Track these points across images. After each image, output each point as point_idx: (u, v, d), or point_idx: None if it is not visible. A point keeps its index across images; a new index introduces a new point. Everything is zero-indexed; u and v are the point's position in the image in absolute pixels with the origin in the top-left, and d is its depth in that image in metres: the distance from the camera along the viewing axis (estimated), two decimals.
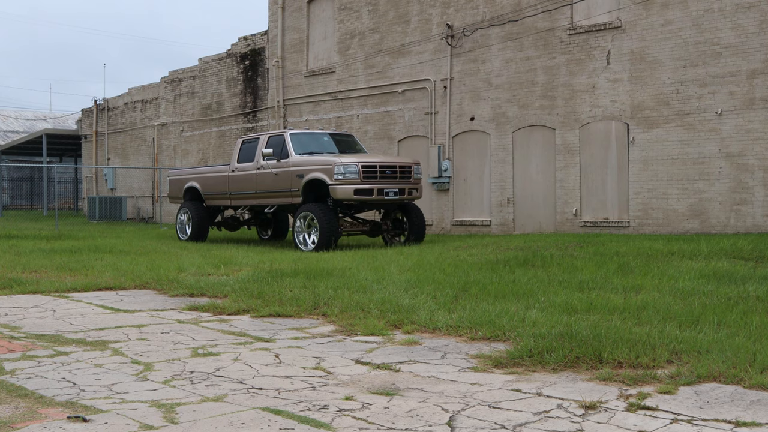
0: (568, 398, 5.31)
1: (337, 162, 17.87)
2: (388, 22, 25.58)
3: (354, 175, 17.82)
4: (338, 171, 17.70)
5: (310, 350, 7.09)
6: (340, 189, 17.74)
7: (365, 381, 5.87)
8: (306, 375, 6.08)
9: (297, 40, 29.22)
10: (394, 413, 4.97)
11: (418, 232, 19.30)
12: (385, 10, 25.71)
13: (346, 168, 17.80)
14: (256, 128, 30.95)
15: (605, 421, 4.81)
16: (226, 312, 9.28)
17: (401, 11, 25.18)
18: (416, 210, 19.46)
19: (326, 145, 19.99)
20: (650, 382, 5.71)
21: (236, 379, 5.94)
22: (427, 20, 24.38)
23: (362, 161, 18.16)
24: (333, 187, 17.81)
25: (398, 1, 25.26)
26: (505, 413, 4.95)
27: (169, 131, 36.14)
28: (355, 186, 17.75)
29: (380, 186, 18.05)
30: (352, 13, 26.89)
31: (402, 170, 18.70)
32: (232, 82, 32.34)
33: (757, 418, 4.82)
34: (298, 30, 29.15)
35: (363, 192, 17.89)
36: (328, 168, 17.99)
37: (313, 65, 28.65)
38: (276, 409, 5.05)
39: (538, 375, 6.03)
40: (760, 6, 17.28)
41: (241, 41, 32.12)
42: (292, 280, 11.36)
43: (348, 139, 21.09)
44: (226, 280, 11.78)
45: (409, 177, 18.80)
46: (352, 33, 26.91)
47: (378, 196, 18.02)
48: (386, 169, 18.39)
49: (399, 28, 25.23)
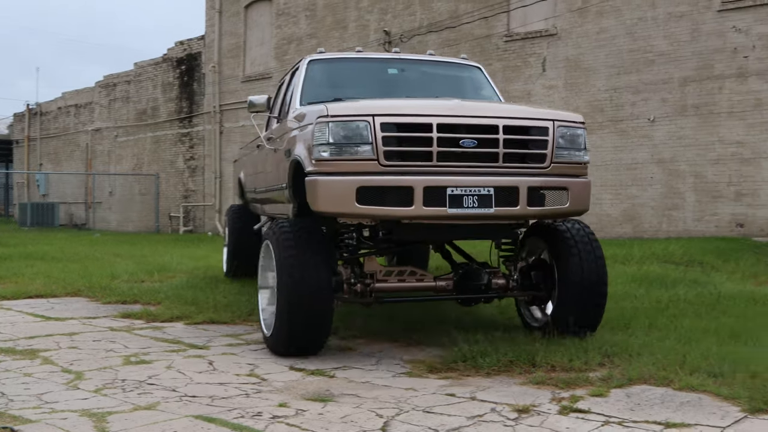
0: (501, 402, 5.33)
1: (320, 115, 6.86)
2: (326, 27, 25.56)
3: (362, 149, 6.68)
4: (319, 138, 6.80)
5: (244, 357, 7.03)
6: (323, 188, 6.72)
7: (299, 387, 5.84)
8: (240, 382, 6.03)
9: (234, 45, 29.05)
10: (328, 419, 4.95)
11: (584, 302, 7.46)
12: (323, 16, 25.68)
13: (338, 128, 6.73)
14: (191, 134, 30.70)
15: (538, 424, 4.84)
16: (159, 319, 9.16)
17: (339, 17, 25.16)
18: (580, 243, 7.58)
19: (389, 86, 9.06)
20: (583, 385, 5.77)
21: (169, 386, 5.86)
22: (364, 26, 24.40)
23: (387, 110, 6.85)
24: (310, 183, 6.86)
25: (336, 6, 25.25)
26: (439, 418, 4.96)
27: (104, 136, 35.67)
28: (363, 177, 6.66)
29: (444, 181, 6.71)
30: (290, 19, 26.81)
31: (512, 137, 6.95)
32: (168, 87, 32.02)
33: (686, 419, 4.89)
34: (235, 35, 28.99)
35: (383, 195, 6.66)
36: (309, 129, 7.06)
37: (250, 70, 28.50)
38: (209, 417, 4.99)
39: (472, 379, 6.05)
40: (691, 15, 17.60)
41: (178, 46, 31.84)
42: (227, 286, 11.28)
43: (457, 75, 9.89)
44: (159, 286, 11.64)
45: (542, 157, 7.02)
46: (289, 38, 26.83)
47: (433, 208, 6.66)
48: (461, 132, 6.82)
49: (337, 34, 25.22)
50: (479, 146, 6.78)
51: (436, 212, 6.65)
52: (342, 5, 25.14)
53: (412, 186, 6.58)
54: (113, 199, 35.24)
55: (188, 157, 31.22)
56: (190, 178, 31.20)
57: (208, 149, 30.17)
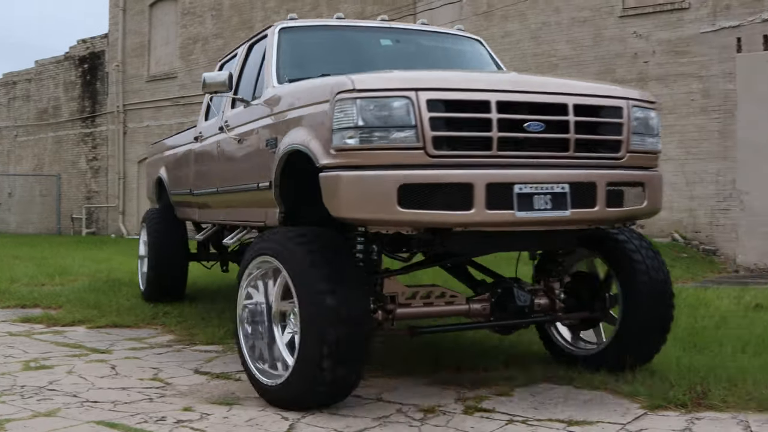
0: (407, 403, 5.36)
1: (343, 89, 4.97)
2: (232, 27, 25.36)
3: (404, 135, 4.84)
4: (341, 120, 4.94)
5: (147, 361, 6.92)
6: (351, 186, 4.94)
7: (204, 391, 5.78)
8: (143, 386, 5.93)
9: (138, 44, 28.62)
10: (233, 423, 4.91)
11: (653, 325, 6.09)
12: (229, 16, 25.48)
13: (370, 106, 4.88)
14: (95, 134, 30.13)
15: (443, 424, 4.88)
16: (60, 323, 8.95)
17: (245, 17, 25.00)
18: (646, 256, 6.15)
19: (383, 60, 7.09)
20: (488, 385, 5.83)
21: (70, 392, 5.73)
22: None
23: (435, 83, 5.09)
24: (330, 180, 5.03)
25: (242, 6, 25.08)
26: (345, 419, 4.96)
27: (3, 136, 34.75)
28: (408, 172, 4.84)
29: (509, 176, 5.03)
30: (196, 18, 26.53)
31: (584, 119, 5.30)
32: (71, 86, 31.39)
33: (588, 417, 4.99)
34: (139, 34, 28.56)
35: (433, 196, 4.85)
36: (322, 109, 5.20)
37: (154, 70, 28.11)
38: (111, 423, 4.90)
39: (379, 380, 6.06)
40: (594, 21, 17.96)
41: (81, 44, 31.23)
42: (130, 289, 11.10)
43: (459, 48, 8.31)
44: (61, 290, 11.40)
45: (616, 145, 5.45)
46: (195, 38, 26.54)
47: (498, 211, 4.96)
48: (524, 113, 5.13)
49: (243, 34, 25.00)
50: (546, 131, 5.13)
51: (501, 217, 4.95)
52: (248, 5, 24.98)
53: (471, 183, 4.84)
54: (12, 201, 34.37)
55: (91, 158, 30.64)
56: (93, 179, 30.62)
57: (111, 150, 29.65)
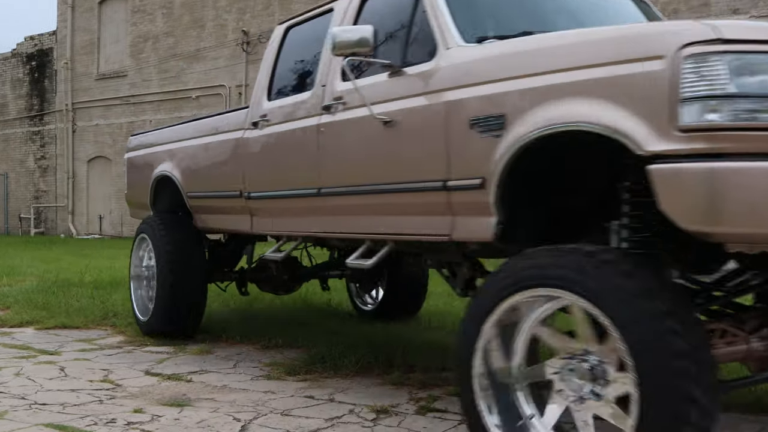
0: (360, 403, 5.37)
1: (698, 39, 2.90)
2: (183, 26, 25.20)
3: None
4: (696, 85, 2.86)
5: (97, 362, 6.86)
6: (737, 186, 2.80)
7: (155, 392, 5.73)
8: (93, 388, 5.87)
9: (87, 41, 28.32)
10: (185, 424, 4.88)
11: None
12: (180, 14, 25.31)
13: (753, 67, 2.78)
14: (43, 132, 29.76)
15: (396, 424, 4.90)
16: (8, 324, 8.83)
17: (196, 16, 24.85)
18: None
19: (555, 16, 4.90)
20: (440, 385, 5.86)
21: (18, 394, 5.66)
22: (222, 26, 24.17)
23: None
24: (681, 174, 2.92)
25: (194, 5, 24.92)
26: (297, 420, 4.96)
27: None
28: None
29: None
30: (146, 16, 26.31)
31: None
32: (18, 84, 30.99)
33: None
34: (88, 31, 28.26)
35: None
36: (644, 70, 3.10)
37: (104, 68, 27.84)
38: (60, 425, 4.84)
39: (331, 381, 6.07)
40: None
41: (28, 41, 30.85)
42: (79, 290, 10.99)
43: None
44: (8, 291, 11.24)
45: None
46: (145, 36, 26.32)
47: None
48: None
49: (194, 33, 24.89)
50: None
51: None
52: (199, 4, 24.84)
53: None
54: None
55: (39, 157, 30.26)
56: (42, 178, 30.25)
57: (60, 148, 29.31)
